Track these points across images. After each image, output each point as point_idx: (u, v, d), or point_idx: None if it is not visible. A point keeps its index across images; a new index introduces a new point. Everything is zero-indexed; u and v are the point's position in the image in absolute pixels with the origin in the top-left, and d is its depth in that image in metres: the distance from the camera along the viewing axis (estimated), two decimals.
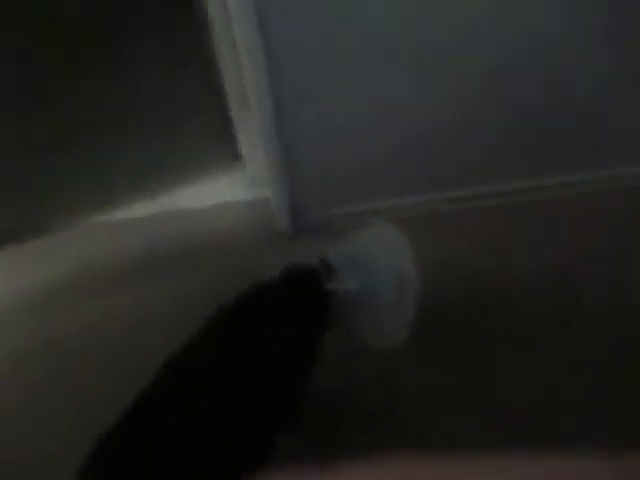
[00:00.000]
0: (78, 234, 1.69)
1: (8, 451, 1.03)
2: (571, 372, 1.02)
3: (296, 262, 1.05)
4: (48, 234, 1.72)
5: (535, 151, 1.50)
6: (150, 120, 1.89)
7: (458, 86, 1.39)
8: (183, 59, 1.82)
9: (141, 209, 1.73)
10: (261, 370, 0.84)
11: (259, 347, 0.87)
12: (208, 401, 0.75)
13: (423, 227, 1.40)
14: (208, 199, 1.65)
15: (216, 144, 1.74)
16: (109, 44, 1.78)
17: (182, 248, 1.51)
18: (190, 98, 1.87)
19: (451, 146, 1.49)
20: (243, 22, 1.26)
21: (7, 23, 1.66)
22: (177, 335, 0.79)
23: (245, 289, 0.93)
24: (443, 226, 1.49)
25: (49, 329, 1.35)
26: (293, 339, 0.95)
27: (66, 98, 1.77)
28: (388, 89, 1.39)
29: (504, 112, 1.44)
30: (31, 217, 1.78)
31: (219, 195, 1.67)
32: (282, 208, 1.50)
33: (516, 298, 1.23)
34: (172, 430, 0.71)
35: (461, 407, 0.99)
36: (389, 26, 1.31)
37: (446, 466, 0.29)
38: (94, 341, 1.27)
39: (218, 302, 0.88)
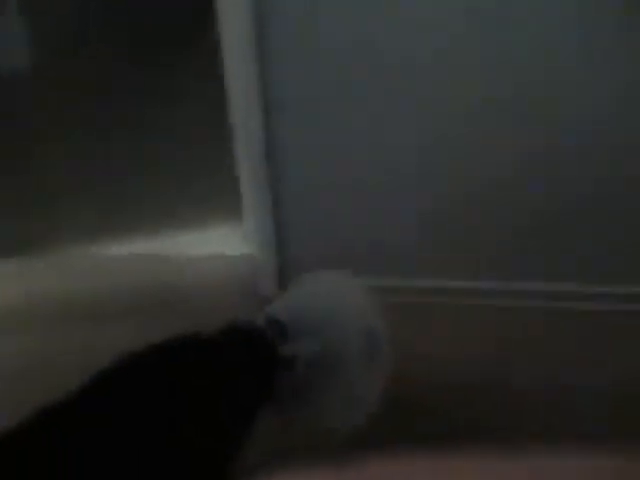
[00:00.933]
0: (64, 262, 1.69)
1: None
2: None
3: (240, 319, 0.84)
4: (36, 257, 1.72)
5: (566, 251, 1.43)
6: (161, 169, 1.95)
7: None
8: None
9: (133, 249, 1.75)
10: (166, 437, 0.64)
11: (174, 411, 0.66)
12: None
13: (410, 316, 1.36)
14: (201, 249, 1.68)
15: (220, 197, 1.79)
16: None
17: (158, 293, 1.50)
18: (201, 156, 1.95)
19: (458, 235, 1.45)
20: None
21: None
22: None
23: (175, 338, 0.75)
24: (441, 318, 1.45)
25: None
26: (220, 409, 0.73)
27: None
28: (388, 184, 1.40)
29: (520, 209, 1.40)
30: (22, 237, 1.79)
31: (214, 247, 1.70)
32: (267, 271, 1.49)
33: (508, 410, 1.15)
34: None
35: None
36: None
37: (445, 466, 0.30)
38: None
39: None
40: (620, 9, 1.16)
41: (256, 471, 0.58)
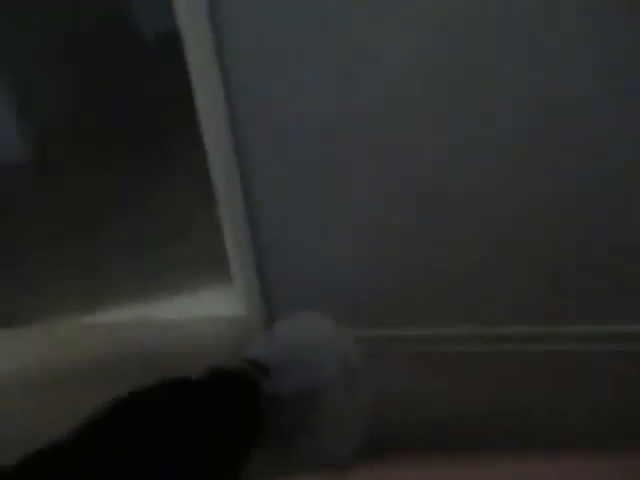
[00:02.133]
0: (51, 331, 1.68)
1: None
2: None
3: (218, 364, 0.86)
4: (22, 325, 1.71)
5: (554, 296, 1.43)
6: (146, 233, 1.97)
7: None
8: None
9: (121, 315, 1.75)
10: None
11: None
12: None
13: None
14: (190, 312, 1.68)
15: (208, 261, 1.81)
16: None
17: (144, 358, 1.49)
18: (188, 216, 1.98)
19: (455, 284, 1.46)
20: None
21: None
22: None
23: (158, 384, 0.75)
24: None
25: None
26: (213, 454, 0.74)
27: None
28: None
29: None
30: (7, 308, 1.79)
31: (203, 309, 1.70)
32: (256, 332, 1.48)
33: None
34: None
35: None
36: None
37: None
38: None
39: None
40: None
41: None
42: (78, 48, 2.65)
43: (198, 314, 1.66)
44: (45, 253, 1.98)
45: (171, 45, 1.53)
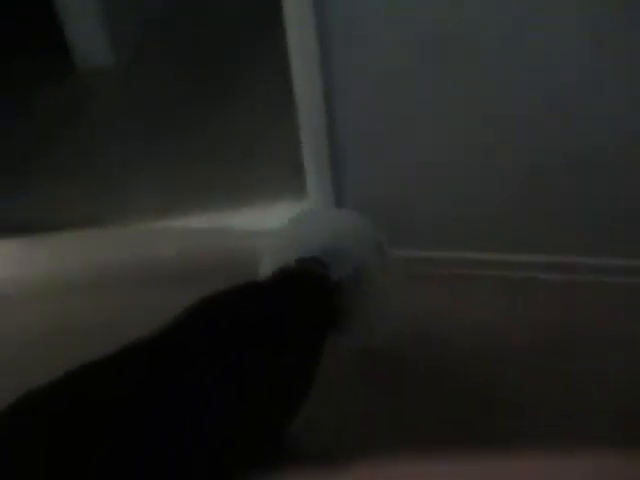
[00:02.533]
0: (122, 233, 1.75)
1: None
2: None
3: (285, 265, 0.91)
4: (97, 225, 1.77)
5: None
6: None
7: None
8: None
9: (199, 221, 1.78)
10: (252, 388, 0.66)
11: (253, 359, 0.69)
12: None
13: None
14: (265, 223, 1.69)
15: (285, 174, 1.81)
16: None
17: (223, 263, 1.53)
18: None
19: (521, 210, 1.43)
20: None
21: None
22: None
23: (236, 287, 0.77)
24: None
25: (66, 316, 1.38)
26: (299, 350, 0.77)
27: None
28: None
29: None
30: (86, 211, 1.85)
31: (278, 220, 1.70)
32: None
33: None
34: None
35: None
36: None
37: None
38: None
39: None
40: None
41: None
42: None
43: (272, 225, 1.67)
44: (127, 157, 2.03)
45: None
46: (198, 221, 1.77)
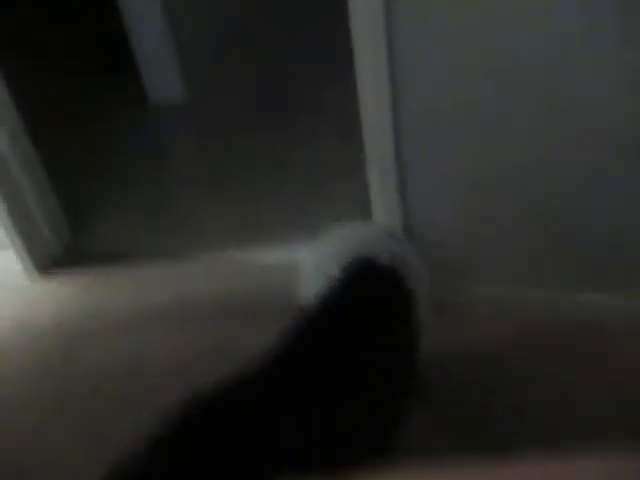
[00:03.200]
0: (212, 266, 1.78)
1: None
2: None
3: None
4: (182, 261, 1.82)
5: None
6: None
7: None
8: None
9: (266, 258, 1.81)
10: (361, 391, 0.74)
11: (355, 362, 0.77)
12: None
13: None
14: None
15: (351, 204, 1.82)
16: None
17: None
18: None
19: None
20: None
21: None
22: None
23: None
24: None
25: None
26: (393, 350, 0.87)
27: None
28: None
29: None
30: (171, 242, 1.91)
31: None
32: None
33: None
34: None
35: None
36: None
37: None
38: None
39: None
40: None
41: None
42: None
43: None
44: (202, 194, 2.09)
45: None
46: (270, 255, 1.80)
